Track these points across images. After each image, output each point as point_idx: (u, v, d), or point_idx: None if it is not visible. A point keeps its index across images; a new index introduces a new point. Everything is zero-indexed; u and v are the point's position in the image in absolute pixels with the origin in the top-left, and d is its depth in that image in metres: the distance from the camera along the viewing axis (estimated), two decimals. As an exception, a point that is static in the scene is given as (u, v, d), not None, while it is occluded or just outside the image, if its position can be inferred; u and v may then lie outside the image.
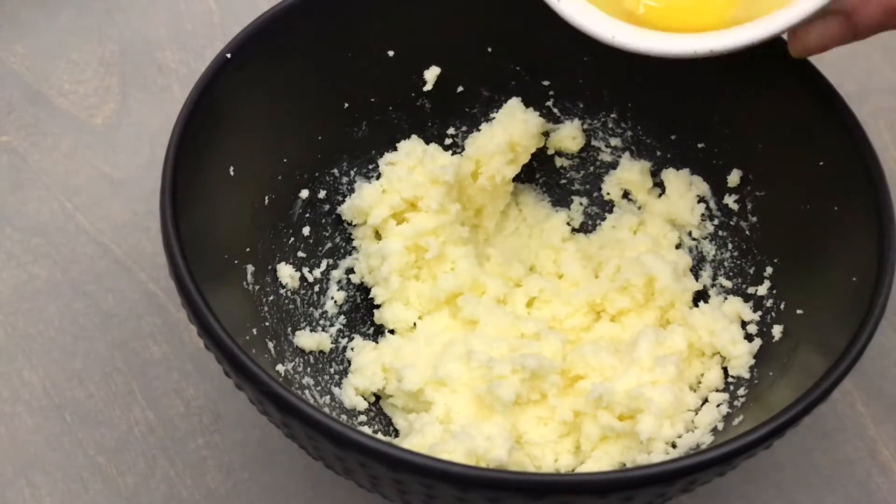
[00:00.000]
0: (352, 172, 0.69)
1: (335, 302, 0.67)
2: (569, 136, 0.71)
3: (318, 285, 0.67)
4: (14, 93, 0.80)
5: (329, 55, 0.64)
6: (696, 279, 0.67)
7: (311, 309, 0.65)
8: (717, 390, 0.62)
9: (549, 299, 0.67)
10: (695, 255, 0.68)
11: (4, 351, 0.68)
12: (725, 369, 0.63)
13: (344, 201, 0.68)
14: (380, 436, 0.61)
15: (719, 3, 0.55)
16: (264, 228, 0.63)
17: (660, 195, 0.70)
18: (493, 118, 0.70)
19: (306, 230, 0.66)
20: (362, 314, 0.68)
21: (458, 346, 0.63)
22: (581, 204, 0.72)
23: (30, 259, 0.72)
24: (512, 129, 0.68)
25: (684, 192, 0.68)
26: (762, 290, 0.63)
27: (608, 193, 0.72)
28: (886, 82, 0.83)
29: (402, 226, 0.67)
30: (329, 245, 0.68)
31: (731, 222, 0.67)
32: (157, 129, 0.78)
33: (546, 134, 0.70)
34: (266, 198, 0.63)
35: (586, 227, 0.72)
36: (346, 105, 0.67)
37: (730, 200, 0.67)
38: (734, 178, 0.66)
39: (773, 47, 0.62)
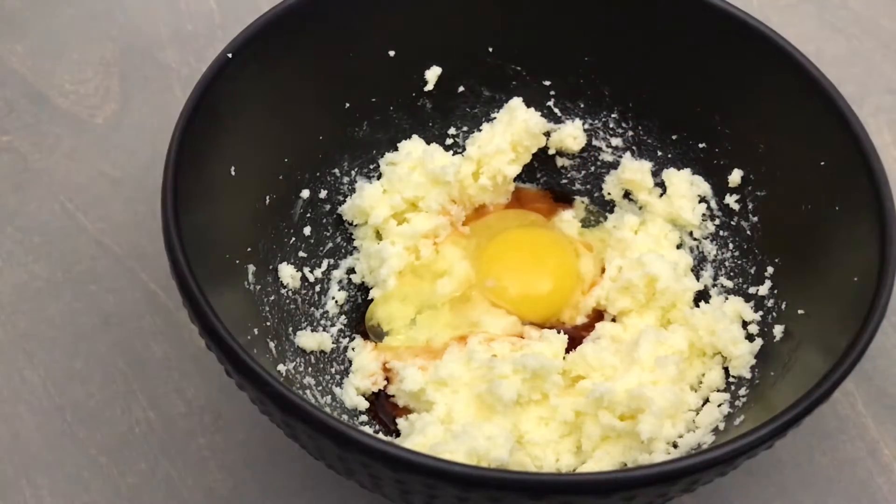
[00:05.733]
0: (353, 172, 0.69)
1: (336, 302, 0.67)
2: (570, 135, 0.70)
3: (320, 285, 0.67)
4: (14, 93, 0.80)
5: (330, 55, 0.64)
6: (698, 279, 0.67)
7: (313, 309, 0.65)
8: (719, 390, 0.62)
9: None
10: (696, 255, 0.68)
11: (5, 351, 0.68)
12: (726, 369, 0.63)
13: (345, 201, 0.68)
14: (381, 436, 0.61)
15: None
16: (265, 228, 0.63)
17: (661, 195, 0.70)
18: (495, 118, 0.70)
19: (307, 230, 0.66)
20: (363, 314, 0.68)
21: (458, 346, 0.63)
22: (582, 203, 0.72)
23: (30, 259, 0.72)
24: (513, 129, 0.68)
25: (685, 191, 0.68)
26: (763, 289, 0.63)
27: (609, 193, 0.72)
28: (886, 82, 0.83)
29: (402, 226, 0.67)
30: (330, 245, 0.68)
31: (732, 222, 0.67)
32: (157, 128, 0.77)
33: (547, 134, 0.70)
34: (267, 197, 0.63)
35: (588, 227, 0.72)
36: (347, 105, 0.67)
37: (731, 200, 0.67)
38: (735, 178, 0.66)
39: (773, 48, 0.62)
